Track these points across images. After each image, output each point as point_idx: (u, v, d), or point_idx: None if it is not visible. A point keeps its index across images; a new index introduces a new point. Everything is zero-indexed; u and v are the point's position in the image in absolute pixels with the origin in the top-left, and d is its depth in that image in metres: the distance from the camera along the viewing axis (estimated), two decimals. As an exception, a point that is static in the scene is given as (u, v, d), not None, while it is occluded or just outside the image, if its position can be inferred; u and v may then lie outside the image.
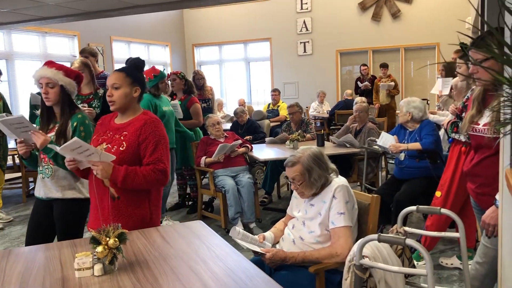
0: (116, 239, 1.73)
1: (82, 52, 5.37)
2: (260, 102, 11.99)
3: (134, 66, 2.34)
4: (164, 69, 4.85)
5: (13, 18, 4.85)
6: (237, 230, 2.19)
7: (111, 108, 2.29)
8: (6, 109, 5.06)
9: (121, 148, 2.22)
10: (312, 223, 2.22)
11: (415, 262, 3.15)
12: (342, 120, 7.64)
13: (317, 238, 2.19)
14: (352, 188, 2.30)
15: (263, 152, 5.12)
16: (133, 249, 1.99)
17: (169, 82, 5.25)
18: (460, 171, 3.18)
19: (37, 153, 2.55)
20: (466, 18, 8.55)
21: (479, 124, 2.14)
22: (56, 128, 2.54)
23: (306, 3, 11.13)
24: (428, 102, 8.82)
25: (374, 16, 10.60)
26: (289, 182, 2.30)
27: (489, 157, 2.10)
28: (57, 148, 2.09)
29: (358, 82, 9.83)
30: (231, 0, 4.63)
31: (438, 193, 3.34)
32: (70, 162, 2.19)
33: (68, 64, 3.09)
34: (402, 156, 3.87)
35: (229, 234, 2.22)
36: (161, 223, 4.72)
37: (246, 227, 4.44)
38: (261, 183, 5.60)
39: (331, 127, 8.03)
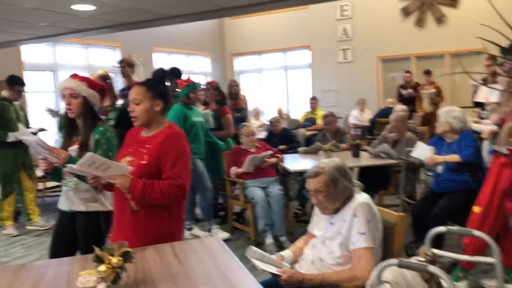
0: (120, 258, 1.68)
1: (121, 62, 5.47)
2: (299, 110, 11.84)
3: (156, 79, 2.31)
4: (198, 81, 4.82)
5: (52, 31, 5.01)
6: (254, 249, 2.09)
7: (134, 123, 2.27)
8: (26, 121, 5.20)
9: (142, 162, 2.19)
10: (332, 243, 2.09)
11: (454, 283, 2.93)
12: (384, 128, 7.38)
13: (337, 260, 2.05)
14: (389, 201, 2.15)
15: (296, 162, 4.99)
16: (144, 266, 1.93)
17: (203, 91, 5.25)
18: (501, 185, 2.95)
19: (61, 166, 2.57)
20: (516, 21, 8.08)
21: (517, 138, 1.95)
22: (78, 140, 2.54)
23: (347, 10, 10.92)
24: (475, 110, 8.39)
25: (417, 21, 10.25)
26: (309, 196, 2.16)
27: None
28: (74, 167, 2.08)
29: (401, 90, 9.51)
30: (269, 8, 4.54)
31: (476, 208, 3.11)
32: (92, 181, 2.20)
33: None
34: (440, 168, 3.64)
35: (245, 254, 2.12)
36: (190, 230, 4.73)
37: (277, 240, 4.31)
38: (295, 194, 5.47)
39: (367, 137, 7.78)
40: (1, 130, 4.80)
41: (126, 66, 5.23)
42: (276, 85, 12.43)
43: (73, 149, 2.53)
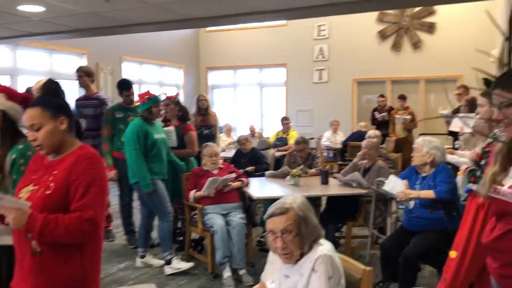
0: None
1: (78, 70, 5.09)
2: (273, 129, 11.57)
3: (49, 93, 1.94)
4: (160, 94, 4.47)
5: (4, 33, 4.60)
6: None
7: (41, 152, 1.90)
8: None
9: (47, 192, 1.81)
10: (286, 299, 1.77)
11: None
12: (355, 152, 7.16)
13: (291, 320, 1.73)
14: (358, 232, 1.85)
15: (262, 187, 4.68)
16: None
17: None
18: (478, 228, 2.70)
19: None
20: (491, 51, 8.06)
21: (503, 185, 1.68)
22: None
23: (324, 30, 10.80)
24: (448, 137, 8.29)
25: (394, 45, 10.19)
26: (271, 240, 1.82)
27: (516, 229, 1.62)
28: None
29: (376, 113, 9.36)
30: (234, 21, 4.28)
31: (453, 253, 2.84)
32: None
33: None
34: (411, 204, 3.38)
35: None
36: (142, 257, 4.33)
37: (235, 273, 3.96)
38: (260, 219, 5.13)
39: (339, 163, 7.53)
40: None
41: (84, 75, 4.86)
42: (250, 101, 12.17)
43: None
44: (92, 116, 4.94)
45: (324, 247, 1.79)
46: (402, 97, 8.89)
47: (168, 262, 4.16)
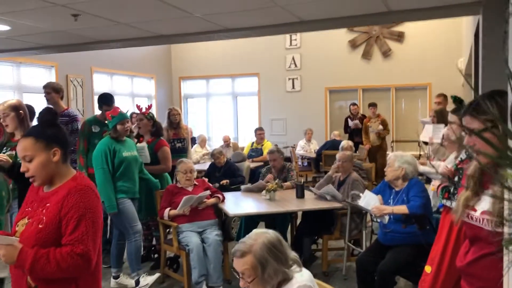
0: None
1: (45, 87, 4.96)
2: (247, 138, 11.55)
3: (43, 123, 1.91)
4: (127, 111, 4.37)
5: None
6: None
7: (34, 184, 1.88)
8: None
9: (39, 226, 1.78)
10: (264, 331, 1.74)
11: None
12: (330, 161, 7.20)
13: None
14: (334, 245, 1.83)
15: (238, 202, 4.65)
16: None
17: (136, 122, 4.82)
18: (452, 243, 2.74)
19: None
20: (458, 60, 8.28)
21: (476, 211, 1.70)
22: None
23: (295, 39, 10.88)
24: (420, 144, 8.44)
25: (364, 54, 10.34)
26: (238, 277, 1.83)
27: (490, 255, 1.65)
28: None
29: (349, 120, 9.46)
30: (213, 38, 4.26)
31: (428, 268, 2.88)
32: None
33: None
34: (386, 219, 3.41)
35: None
36: (116, 278, 4.24)
37: (212, 292, 3.92)
38: (237, 233, 5.10)
39: (314, 176, 7.58)
40: None
41: (52, 92, 4.73)
42: (224, 111, 12.13)
43: None
44: (62, 134, 4.81)
45: (304, 276, 1.78)
46: (373, 105, 9.03)
47: (137, 283, 4.10)
